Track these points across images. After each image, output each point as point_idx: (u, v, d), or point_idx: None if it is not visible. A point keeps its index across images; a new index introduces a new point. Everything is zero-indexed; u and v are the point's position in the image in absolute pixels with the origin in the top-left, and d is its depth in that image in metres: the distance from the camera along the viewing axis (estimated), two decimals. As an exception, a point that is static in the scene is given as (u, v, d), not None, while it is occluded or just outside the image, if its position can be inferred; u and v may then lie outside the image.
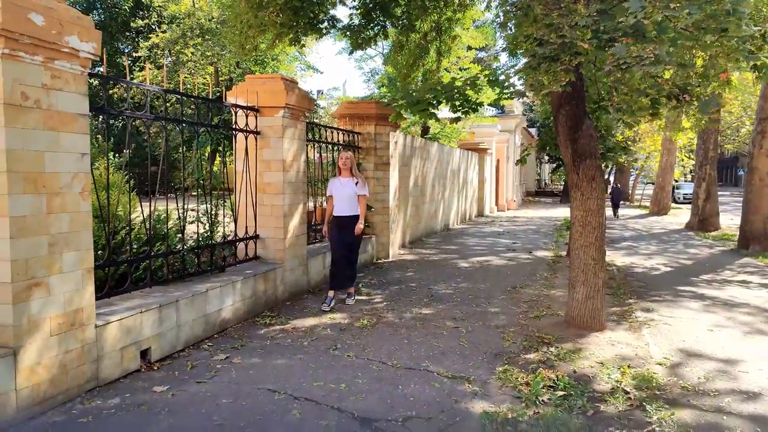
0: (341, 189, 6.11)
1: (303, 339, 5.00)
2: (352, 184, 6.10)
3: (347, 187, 6.10)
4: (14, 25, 2.99)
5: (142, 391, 3.73)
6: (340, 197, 6.10)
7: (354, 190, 6.10)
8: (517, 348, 4.88)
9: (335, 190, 6.15)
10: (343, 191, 6.10)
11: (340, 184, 6.15)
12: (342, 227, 6.11)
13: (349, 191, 6.09)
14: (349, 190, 6.09)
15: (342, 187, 6.11)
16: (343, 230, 6.11)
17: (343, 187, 6.10)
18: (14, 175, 3.10)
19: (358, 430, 3.28)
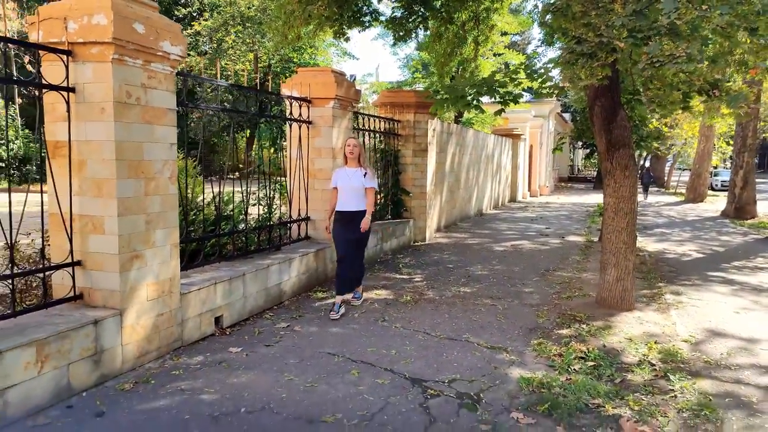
0: (347, 180, 5.44)
1: (353, 311, 5.50)
2: (360, 175, 5.42)
3: (354, 179, 5.42)
4: (122, 34, 3.50)
5: (220, 352, 4.29)
6: (346, 189, 5.44)
7: (362, 182, 5.41)
8: (550, 324, 5.27)
9: (340, 181, 5.48)
10: (349, 183, 5.42)
11: (345, 174, 5.47)
12: (346, 223, 5.43)
13: (356, 183, 5.41)
14: (356, 181, 5.41)
15: (348, 178, 5.44)
16: (348, 227, 5.42)
17: (350, 179, 5.43)
18: (120, 163, 3.63)
19: (410, 388, 3.75)
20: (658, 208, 19.47)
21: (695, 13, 3.92)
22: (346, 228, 5.44)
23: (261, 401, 3.46)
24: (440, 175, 11.24)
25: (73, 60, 3.59)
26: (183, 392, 3.55)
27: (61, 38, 3.55)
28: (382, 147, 9.17)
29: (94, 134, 3.61)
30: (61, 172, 3.64)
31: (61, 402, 3.32)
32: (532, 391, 3.75)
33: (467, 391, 3.72)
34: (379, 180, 9.22)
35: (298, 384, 3.74)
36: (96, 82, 3.57)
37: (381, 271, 7.47)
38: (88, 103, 3.60)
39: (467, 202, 14.10)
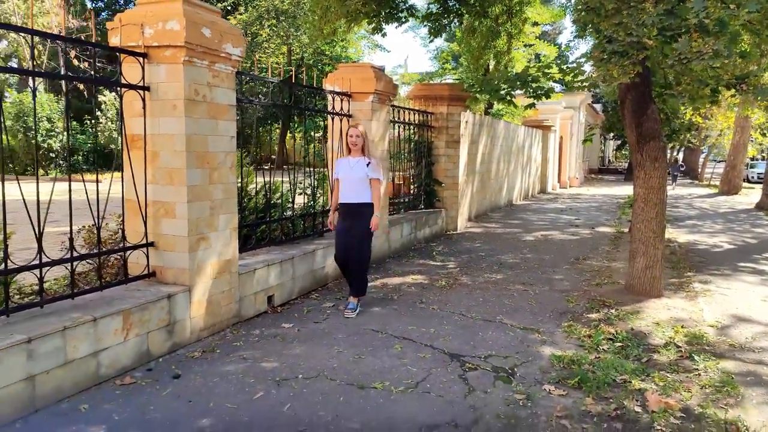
0: (349, 171, 5.12)
1: (392, 294, 5.85)
2: (363, 165, 5.09)
3: (357, 169, 5.09)
4: (192, 38, 3.89)
5: (274, 327, 4.69)
6: (348, 180, 5.12)
7: (365, 172, 5.08)
8: (580, 309, 5.54)
9: (342, 171, 5.17)
10: (351, 174, 5.10)
11: (348, 164, 5.16)
12: (348, 218, 5.12)
13: (359, 174, 5.08)
14: (359, 172, 5.08)
15: (350, 168, 5.12)
16: (350, 222, 5.11)
17: (352, 169, 5.11)
18: (190, 154, 4.03)
19: (449, 362, 4.09)
20: (690, 200, 19.31)
21: (723, 11, 4.12)
22: (348, 223, 5.11)
23: (316, 369, 3.85)
24: (471, 166, 11.48)
25: (148, 62, 4.00)
26: (245, 360, 3.96)
27: (138, 42, 3.95)
28: (415, 139, 9.47)
29: (166, 128, 4.02)
30: (137, 163, 4.06)
31: (142, 365, 3.76)
32: (563, 367, 4.04)
33: (502, 366, 4.04)
34: (412, 171, 9.60)
35: (347, 356, 4.12)
36: (169, 82, 3.98)
37: (416, 258, 7.81)
38: (162, 100, 4.01)
39: (497, 192, 14.31)
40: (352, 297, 5.20)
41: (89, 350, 3.37)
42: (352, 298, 5.19)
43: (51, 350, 3.13)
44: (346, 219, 5.16)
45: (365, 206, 5.13)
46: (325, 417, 3.19)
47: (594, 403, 3.49)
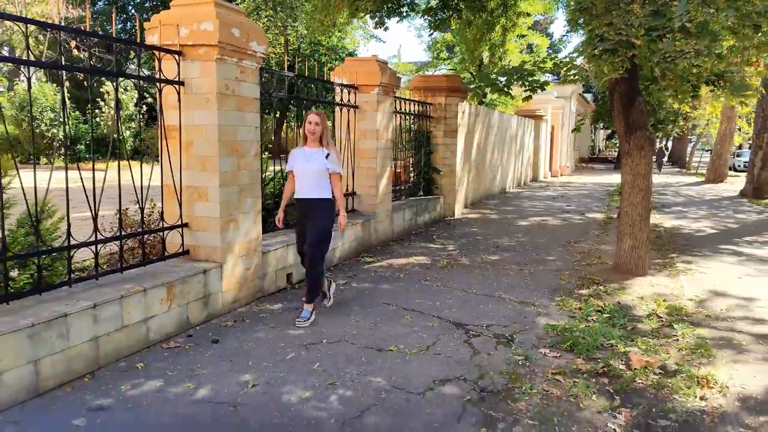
0: (305, 163, 4.58)
1: (398, 272, 6.32)
2: (321, 157, 4.56)
3: (314, 161, 4.56)
4: (224, 37, 4.29)
5: (294, 301, 5.15)
6: (304, 173, 4.59)
7: (323, 164, 4.55)
8: (571, 286, 6.03)
9: (297, 163, 4.62)
10: (308, 166, 4.56)
11: (304, 156, 4.60)
12: (305, 215, 4.65)
13: (316, 165, 4.55)
14: (316, 164, 4.55)
15: (306, 160, 4.58)
16: (307, 219, 4.64)
17: (308, 161, 4.57)
18: (222, 143, 4.45)
19: (455, 330, 4.56)
20: (677, 188, 19.90)
21: (704, 15, 4.58)
22: (306, 221, 4.65)
23: (337, 335, 4.31)
24: (468, 154, 11.93)
25: (183, 59, 4.40)
26: (273, 329, 4.42)
27: (174, 41, 4.35)
28: (415, 128, 9.89)
29: (200, 120, 4.43)
30: (173, 151, 4.48)
31: (183, 332, 4.21)
32: (557, 334, 4.53)
33: (503, 333, 4.52)
34: (412, 159, 10.03)
35: (364, 325, 4.58)
36: (202, 77, 4.38)
37: (417, 241, 8.28)
38: (196, 94, 4.41)
39: (492, 180, 14.79)
40: (305, 303, 4.63)
41: (140, 317, 3.81)
42: (305, 304, 4.62)
43: (111, 316, 3.57)
44: (303, 216, 4.69)
45: (324, 202, 4.62)
46: (351, 373, 3.65)
47: (584, 362, 3.98)
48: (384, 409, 3.19)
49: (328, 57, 24.80)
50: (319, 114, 4.64)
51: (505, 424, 3.09)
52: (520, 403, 3.34)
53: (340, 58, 25.54)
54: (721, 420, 3.21)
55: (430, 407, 3.24)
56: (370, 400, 3.30)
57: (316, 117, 4.60)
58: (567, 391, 3.52)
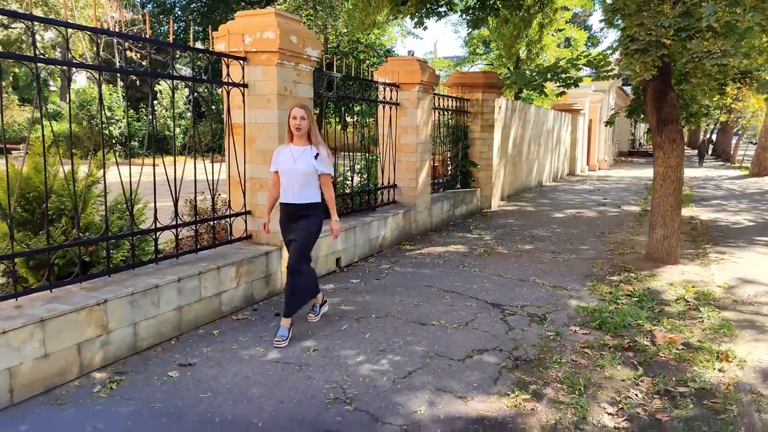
0: (291, 163, 4.06)
1: (437, 259, 6.75)
2: (310, 157, 4.06)
3: (302, 161, 4.05)
4: (284, 44, 4.80)
5: (344, 282, 5.65)
6: (289, 175, 4.08)
7: (312, 165, 4.05)
8: (603, 273, 6.35)
9: (282, 163, 4.11)
10: (294, 166, 4.05)
11: (290, 154, 4.09)
12: (291, 221, 4.15)
13: (304, 167, 4.04)
14: (304, 164, 4.05)
15: (293, 160, 4.06)
16: (292, 225, 4.15)
17: (296, 161, 4.05)
18: (281, 139, 4.96)
19: (492, 309, 4.98)
20: (719, 181, 19.63)
21: (731, 16, 4.84)
22: (291, 228, 4.15)
23: (383, 311, 4.79)
24: (504, 148, 12.23)
25: (247, 64, 4.93)
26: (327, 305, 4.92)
27: (239, 48, 4.88)
28: (452, 123, 10.27)
29: (262, 118, 4.95)
30: (238, 147, 5.02)
31: (249, 306, 4.76)
32: (587, 315, 4.89)
33: (536, 313, 4.91)
34: (449, 153, 10.42)
35: (407, 303, 5.04)
36: (264, 80, 4.91)
37: (455, 231, 8.68)
38: (258, 95, 4.94)
39: (528, 174, 15.03)
40: (282, 317, 4.11)
41: (214, 291, 4.36)
42: (283, 318, 4.09)
43: (191, 288, 4.13)
44: (288, 222, 4.17)
45: (311, 207, 4.13)
46: (398, 342, 4.12)
47: (611, 338, 4.34)
48: (429, 372, 3.65)
49: (367, 54, 25.30)
50: (304, 107, 4.12)
51: (536, 386, 3.50)
52: (550, 370, 3.74)
53: (378, 55, 26.02)
54: (735, 388, 3.54)
55: (469, 371, 3.68)
56: (416, 363, 3.76)
57: (302, 111, 4.07)
58: (594, 361, 3.90)
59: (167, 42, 4.43)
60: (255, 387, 3.37)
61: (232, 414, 3.06)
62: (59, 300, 3.41)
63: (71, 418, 2.98)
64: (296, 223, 4.13)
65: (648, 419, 3.15)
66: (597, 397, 3.36)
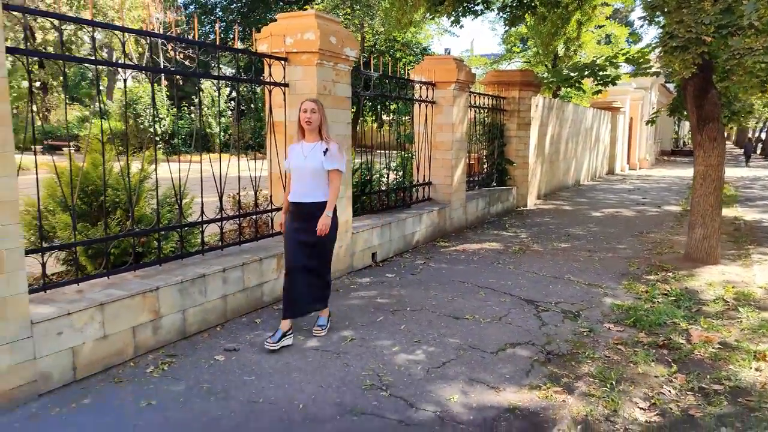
0: (302, 160, 3.92)
1: (472, 256, 6.83)
2: (318, 152, 3.90)
3: (311, 158, 3.90)
4: (323, 45, 4.96)
5: (379, 276, 5.80)
6: (300, 173, 3.95)
7: (320, 162, 3.88)
8: (640, 272, 6.31)
9: (294, 160, 3.99)
10: (304, 164, 3.91)
11: (301, 151, 3.95)
12: (300, 221, 3.96)
13: (312, 164, 3.89)
14: (313, 161, 3.89)
15: (303, 157, 3.92)
16: (302, 225, 3.95)
17: (306, 158, 3.91)
18: (320, 137, 5.13)
19: (525, 305, 5.04)
20: (767, 181, 18.98)
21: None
22: (301, 227, 3.95)
23: (418, 305, 4.91)
24: (541, 147, 12.16)
25: (288, 64, 5.12)
26: (363, 297, 5.08)
27: (281, 49, 5.07)
28: (488, 121, 10.30)
29: (302, 116, 5.13)
30: (280, 144, 5.21)
31: (288, 297, 4.95)
32: (621, 312, 4.89)
33: (569, 309, 4.94)
34: (485, 151, 10.46)
35: (442, 297, 5.15)
36: (304, 80, 5.09)
37: (490, 229, 8.73)
38: (298, 94, 5.12)
39: (565, 173, 14.88)
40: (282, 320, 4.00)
41: (257, 282, 4.57)
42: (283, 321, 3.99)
43: (235, 279, 4.34)
44: (297, 221, 3.98)
45: (321, 207, 3.92)
46: (432, 334, 4.23)
47: (646, 336, 4.35)
48: (462, 363, 3.75)
49: (403, 52, 25.40)
50: (315, 101, 3.98)
51: (568, 380, 3.56)
52: (583, 365, 3.79)
53: (414, 53, 26.08)
54: (771, 387, 3.52)
55: (502, 364, 3.77)
56: (450, 355, 3.87)
57: (312, 104, 3.93)
58: (627, 357, 3.93)
59: (214, 44, 4.66)
60: (295, 372, 3.55)
61: (275, 396, 3.23)
62: (116, 286, 3.66)
63: (128, 394, 3.21)
64: (307, 225, 3.90)
65: (681, 415, 3.18)
66: (629, 392, 3.41)
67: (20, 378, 3.00)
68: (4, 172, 2.82)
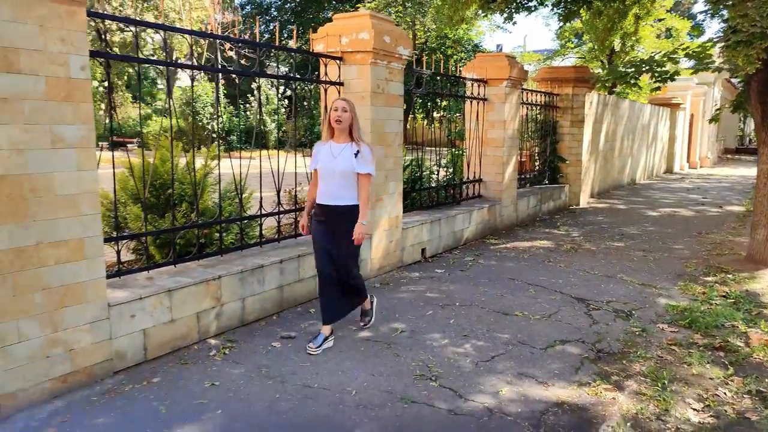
0: (331, 161, 3.77)
1: (522, 254, 6.81)
2: (350, 155, 3.74)
3: (341, 159, 3.75)
4: (378, 45, 5.08)
5: (428, 271, 5.89)
6: (328, 174, 3.78)
7: (352, 164, 3.74)
8: (697, 273, 6.14)
9: (321, 161, 3.82)
10: (333, 165, 3.76)
11: (329, 152, 3.79)
12: (328, 224, 3.83)
13: (343, 166, 3.74)
14: (342, 163, 3.74)
15: (333, 158, 3.77)
16: (330, 229, 3.83)
17: (335, 159, 3.76)
18: (373, 134, 5.27)
19: (576, 303, 5.01)
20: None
21: None
22: (329, 231, 3.82)
23: (468, 300, 4.97)
24: (595, 144, 11.91)
25: (343, 63, 5.27)
26: (413, 291, 5.18)
27: (336, 48, 5.23)
28: (541, 118, 10.18)
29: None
30: (334, 140, 5.37)
31: (341, 290, 5.11)
32: (676, 313, 4.80)
33: (622, 309, 4.89)
34: (537, 149, 10.35)
35: (491, 293, 5.19)
36: (358, 79, 5.23)
37: (541, 227, 8.65)
38: (353, 92, 5.27)
39: (620, 171, 14.50)
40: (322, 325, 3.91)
41: (311, 273, 4.74)
42: (323, 326, 3.91)
43: (291, 269, 4.53)
44: (324, 224, 3.85)
45: (350, 210, 3.79)
46: (481, 329, 4.30)
47: (701, 338, 4.26)
48: (511, 357, 3.80)
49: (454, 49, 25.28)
50: (346, 100, 3.84)
51: (618, 377, 3.56)
52: (634, 363, 3.77)
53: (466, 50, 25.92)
54: (836, 393, 3.40)
55: (551, 359, 3.79)
56: (498, 349, 3.92)
57: (343, 102, 3.79)
58: (681, 358, 3.88)
59: (274, 45, 4.86)
60: (348, 360, 3.69)
61: (328, 382, 3.39)
62: (181, 274, 3.91)
63: (193, 375, 3.44)
64: (335, 231, 3.79)
65: (736, 417, 3.13)
66: (682, 393, 3.37)
67: (99, 356, 3.27)
68: (88, 166, 3.08)
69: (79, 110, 3.02)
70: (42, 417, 2.93)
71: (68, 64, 2.95)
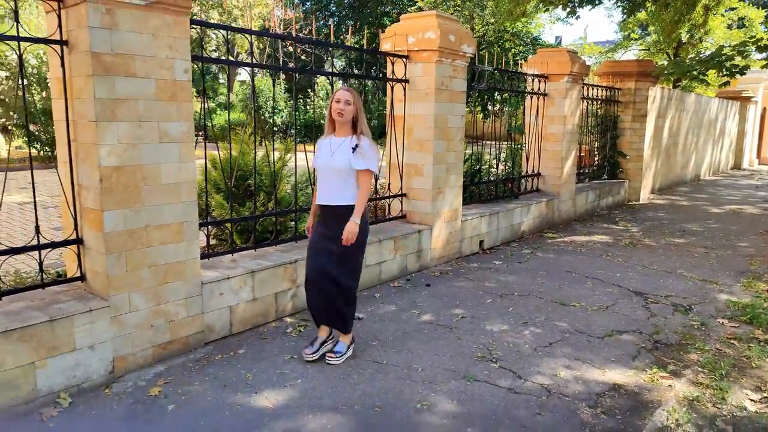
0: (329, 157, 3.47)
1: (580, 248, 6.89)
2: (347, 150, 3.41)
3: (339, 156, 3.43)
4: (443, 43, 5.30)
5: (486, 263, 6.08)
6: (325, 172, 3.50)
7: (348, 160, 3.41)
8: (762, 270, 6.06)
9: (320, 158, 3.53)
10: (330, 162, 3.45)
11: (328, 148, 3.49)
12: (326, 225, 3.53)
13: (339, 162, 3.42)
14: (339, 159, 3.42)
15: (329, 153, 3.47)
16: (326, 231, 3.51)
17: (332, 154, 3.45)
18: (436, 129, 5.50)
19: (633, 296, 5.10)
20: None
21: None
22: (326, 232, 3.50)
23: (525, 291, 5.15)
24: (657, 139, 11.68)
25: (409, 62, 5.52)
26: (472, 281, 5.40)
27: (403, 47, 5.48)
28: (601, 113, 10.09)
29: (420, 110, 5.53)
30: (398, 136, 5.65)
31: (403, 277, 5.40)
32: (737, 309, 4.81)
33: (680, 303, 4.94)
34: (596, 143, 10.27)
35: (549, 285, 5.34)
36: (423, 76, 5.47)
37: (599, 222, 8.65)
38: (417, 89, 5.51)
39: (683, 167, 14.10)
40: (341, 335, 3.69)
41: (376, 260, 5.05)
42: (342, 336, 3.68)
43: (359, 257, 4.84)
44: (323, 225, 3.56)
45: (349, 210, 3.45)
46: (539, 318, 4.48)
47: (762, 333, 4.29)
48: (568, 344, 3.98)
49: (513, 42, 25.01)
50: (350, 91, 3.46)
51: (675, 367, 3.67)
52: (691, 354, 3.87)
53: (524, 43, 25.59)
54: None
55: (607, 347, 3.94)
56: (556, 337, 4.10)
57: (347, 93, 3.43)
58: (740, 352, 3.94)
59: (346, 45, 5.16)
60: (412, 341, 3.97)
61: (396, 360, 3.67)
62: (261, 258, 4.29)
63: (274, 348, 3.80)
64: (332, 231, 3.45)
65: (793, 409, 3.20)
66: (740, 383, 3.46)
67: (193, 328, 3.68)
68: (188, 158, 3.48)
69: (181, 109, 3.41)
70: (148, 378, 3.35)
71: (174, 68, 3.34)
